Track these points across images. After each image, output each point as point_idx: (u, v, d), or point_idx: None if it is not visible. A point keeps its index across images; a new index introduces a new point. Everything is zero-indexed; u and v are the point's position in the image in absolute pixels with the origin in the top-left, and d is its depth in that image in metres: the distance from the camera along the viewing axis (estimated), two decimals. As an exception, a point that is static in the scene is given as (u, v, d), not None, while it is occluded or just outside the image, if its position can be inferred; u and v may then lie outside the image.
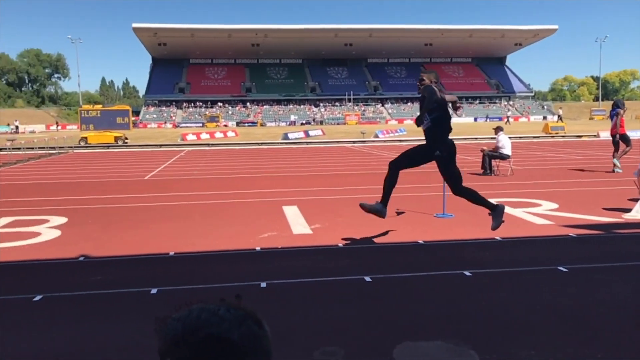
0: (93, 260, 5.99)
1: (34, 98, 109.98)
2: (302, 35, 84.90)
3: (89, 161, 20.92)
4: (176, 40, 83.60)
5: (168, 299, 4.69)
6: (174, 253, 6.21)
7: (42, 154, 24.12)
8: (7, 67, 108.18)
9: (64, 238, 7.12)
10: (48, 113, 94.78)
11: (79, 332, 3.97)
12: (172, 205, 9.80)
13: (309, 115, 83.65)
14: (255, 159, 20.89)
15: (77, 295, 4.79)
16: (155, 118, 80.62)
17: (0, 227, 7.93)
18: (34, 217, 8.59)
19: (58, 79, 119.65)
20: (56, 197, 11.01)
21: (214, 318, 0.90)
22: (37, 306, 4.55)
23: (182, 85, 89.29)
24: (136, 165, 18.64)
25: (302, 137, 35.64)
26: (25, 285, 5.10)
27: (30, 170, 17.42)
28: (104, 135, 30.45)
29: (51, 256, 6.19)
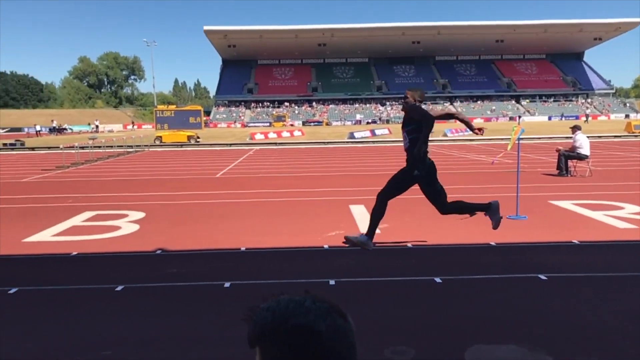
0: (169, 254, 6.26)
1: (112, 99, 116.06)
2: (369, 34, 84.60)
3: (164, 159, 21.83)
4: (245, 41, 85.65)
5: (240, 292, 4.83)
6: (245, 249, 6.38)
7: (120, 152, 25.42)
8: (88, 70, 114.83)
9: (142, 232, 7.48)
10: (125, 113, 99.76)
11: (158, 321, 4.17)
12: (242, 202, 10.06)
13: (375, 114, 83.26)
14: (322, 158, 21.04)
15: (155, 287, 5.03)
16: (224, 118, 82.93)
17: (83, 220, 8.43)
18: (114, 212, 9.07)
19: (134, 80, 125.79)
20: (134, 192, 11.58)
21: (301, 309, 0.93)
22: (120, 295, 4.82)
23: (251, 86, 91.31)
24: (208, 164, 19.26)
25: (369, 136, 35.51)
26: (108, 275, 5.41)
27: (110, 167, 18.40)
28: (178, 134, 31.65)
29: (131, 249, 6.52)
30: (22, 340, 3.87)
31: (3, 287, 5.06)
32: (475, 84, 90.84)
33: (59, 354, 3.60)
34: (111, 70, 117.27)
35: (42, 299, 4.77)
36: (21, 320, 4.27)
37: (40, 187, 13.03)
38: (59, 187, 12.77)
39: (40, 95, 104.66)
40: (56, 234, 7.42)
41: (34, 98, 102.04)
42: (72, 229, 7.73)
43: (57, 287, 5.07)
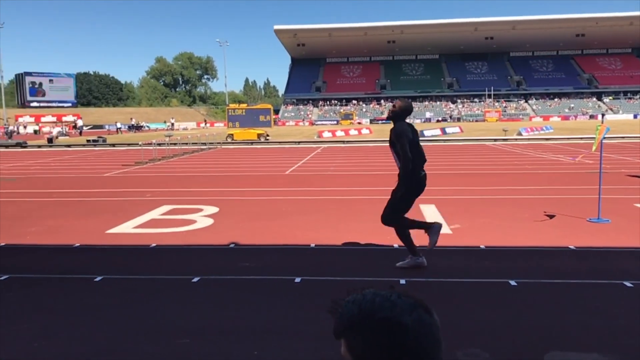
0: (242, 248, 6.43)
1: (186, 98, 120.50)
2: (440, 30, 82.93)
3: (235, 156, 22.43)
4: (314, 40, 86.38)
5: (310, 288, 4.89)
6: (314, 245, 6.45)
7: (194, 148, 26.36)
8: (164, 70, 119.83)
9: (216, 226, 7.72)
10: (198, 111, 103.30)
11: (233, 313, 4.30)
12: (312, 199, 10.16)
13: (445, 112, 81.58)
14: (390, 156, 20.84)
15: (229, 279, 5.18)
16: (293, 116, 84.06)
17: (161, 214, 8.82)
18: (190, 206, 9.42)
19: (207, 80, 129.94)
20: (208, 188, 11.97)
21: (387, 303, 0.94)
22: (196, 287, 5.01)
23: (319, 84, 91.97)
24: (277, 161, 19.60)
25: (439, 134, 34.84)
26: (185, 267, 5.63)
27: (185, 163, 19.14)
28: (248, 132, 32.43)
29: (205, 242, 6.75)
30: (107, 325, 4.11)
31: (89, 275, 5.38)
32: (552, 80, 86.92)
33: (138, 340, 3.79)
34: (186, 70, 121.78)
35: (124, 288, 5.04)
36: (106, 307, 4.53)
37: (121, 181, 13.75)
38: (138, 182, 13.42)
39: (120, 94, 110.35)
40: (136, 226, 7.81)
41: (114, 97, 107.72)
42: (151, 222, 8.10)
43: (138, 276, 5.34)
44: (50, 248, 6.61)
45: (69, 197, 10.99)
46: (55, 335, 3.91)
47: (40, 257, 6.20)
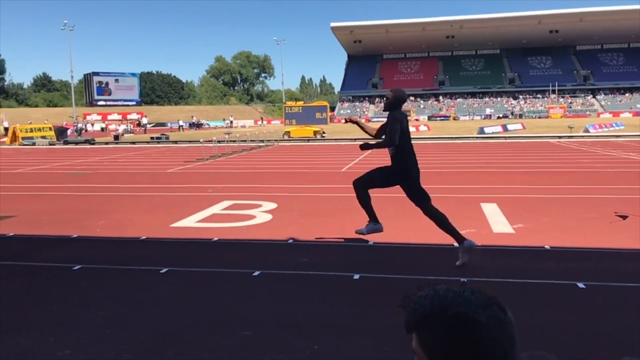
0: (300, 244, 6.50)
1: (244, 96, 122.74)
2: (501, 24, 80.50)
3: (292, 153, 22.67)
4: (371, 36, 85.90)
5: (369, 285, 4.89)
6: (373, 242, 6.43)
7: (252, 146, 26.85)
8: (223, 69, 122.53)
9: (274, 222, 7.84)
10: (256, 109, 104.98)
11: (294, 307, 4.36)
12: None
13: (506, 108, 79.20)
14: (449, 153, 20.49)
15: (289, 274, 5.25)
16: (349, 113, 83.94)
17: (222, 209, 9.04)
18: (249, 202, 9.60)
19: (264, 78, 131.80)
20: (267, 184, 12.16)
21: (460, 299, 0.94)
22: (256, 280, 5.11)
23: (375, 81, 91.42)
24: (333, 158, 19.66)
25: (500, 131, 33.88)
26: (246, 261, 5.75)
27: (243, 160, 19.52)
28: (305, 129, 32.71)
29: (265, 237, 6.87)
30: (173, 316, 4.26)
31: (156, 266, 5.59)
32: (623, 74, 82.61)
33: (204, 331, 3.91)
34: (244, 68, 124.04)
35: (188, 280, 5.20)
36: (171, 298, 4.70)
37: (183, 177, 14.19)
38: (200, 178, 13.81)
39: (181, 92, 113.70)
40: (199, 221, 8.04)
41: (176, 95, 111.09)
42: (212, 217, 8.32)
43: (201, 269, 5.50)
44: (118, 240, 6.91)
45: (134, 192, 11.45)
46: (125, 324, 4.09)
47: (109, 249, 6.50)
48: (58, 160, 21.06)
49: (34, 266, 5.79)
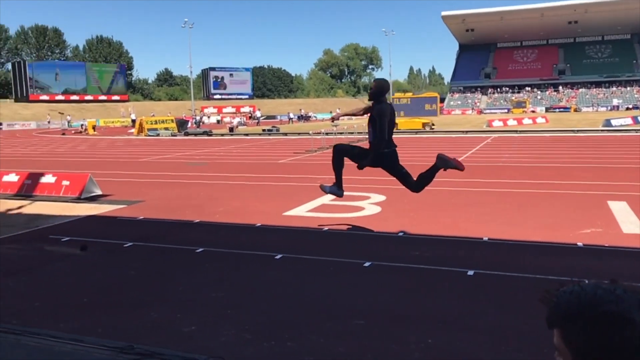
0: (411, 237, 6.44)
1: (351, 88, 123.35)
2: (633, 7, 73.40)
3: (400, 145, 22.39)
4: (484, 24, 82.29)
5: (484, 282, 4.73)
6: (487, 238, 6.20)
7: (359, 138, 26.92)
8: (331, 62, 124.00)
9: (384, 214, 7.84)
10: (362, 101, 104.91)
11: (405, 300, 4.34)
12: (483, 191, 9.79)
13: (637, 98, 72.34)
14: (571, 147, 19.15)
15: (400, 267, 5.23)
16: (459, 105, 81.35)
17: (332, 199, 9.17)
18: (358, 194, 9.66)
19: (372, 69, 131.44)
20: (374, 176, 12.12)
21: (612, 296, 0.91)
22: (367, 271, 5.14)
23: (488, 71, 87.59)
24: (443, 151, 19.19)
25: (630, 123, 31.03)
26: (356, 251, 5.81)
27: (351, 152, 19.66)
28: (413, 121, 32.21)
29: (374, 229, 6.89)
30: (287, 301, 4.42)
31: (270, 252, 5.82)
32: None
33: (319, 317, 4.01)
34: (351, 60, 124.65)
35: (301, 266, 5.37)
36: (285, 283, 4.88)
37: (293, 167, 14.61)
38: (309, 168, 14.14)
39: (290, 86, 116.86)
40: (309, 210, 8.25)
41: (286, 89, 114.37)
42: (322, 207, 8.49)
43: (313, 257, 5.64)
44: (235, 226, 7.29)
45: (249, 181, 11.99)
46: (243, 305, 4.32)
47: (227, 234, 6.88)
48: (179, 150, 22.59)
49: (162, 247, 6.28)
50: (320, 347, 3.52)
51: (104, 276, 5.25)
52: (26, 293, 4.76)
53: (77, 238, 6.66)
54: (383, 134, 5.88)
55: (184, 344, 3.55)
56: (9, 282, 5.07)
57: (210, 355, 3.22)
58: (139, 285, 4.91)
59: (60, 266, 5.64)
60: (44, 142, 32.03)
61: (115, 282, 5.04)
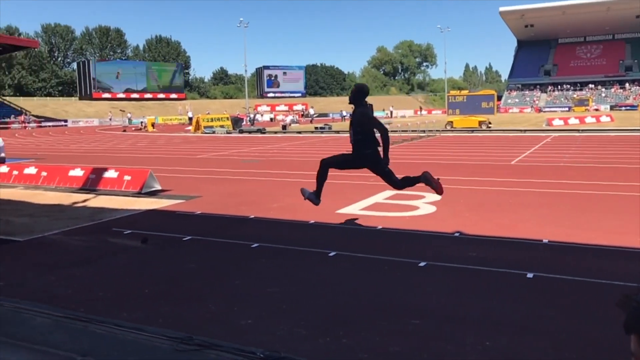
0: (467, 237, 6.32)
1: (405, 85, 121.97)
2: None
3: (455, 144, 22.03)
4: (544, 20, 79.43)
5: (544, 285, 4.59)
6: (547, 240, 6.00)
7: (413, 136, 26.61)
8: (384, 59, 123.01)
9: (438, 214, 7.72)
10: (416, 99, 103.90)
11: (461, 300, 4.26)
12: (543, 191, 9.48)
13: None
14: (633, 148, 18.23)
15: (456, 267, 5.14)
16: (517, 102, 79.00)
17: (385, 198, 9.13)
18: (412, 192, 9.52)
19: (426, 67, 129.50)
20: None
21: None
22: (423, 271, 5.09)
23: (548, 67, 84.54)
24: (500, 150, 18.70)
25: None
26: (411, 251, 5.76)
27: (405, 150, 19.47)
28: (469, 119, 31.51)
29: (429, 228, 6.79)
30: (341, 298, 4.43)
31: (324, 249, 5.85)
32: None
33: (373, 316, 4.00)
34: (405, 58, 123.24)
35: (355, 264, 5.37)
36: (340, 281, 4.89)
37: (347, 165, 14.59)
38: (362, 167, 14.08)
39: (342, 84, 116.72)
40: (363, 208, 8.23)
41: (338, 87, 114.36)
42: (375, 205, 8.46)
43: (367, 255, 5.63)
44: (289, 223, 7.37)
45: (301, 178, 12.05)
46: (299, 301, 4.36)
47: (282, 230, 6.96)
48: (234, 147, 23.04)
49: (219, 242, 6.43)
50: (375, 345, 3.51)
51: (164, 268, 5.43)
52: (92, 282, 4.99)
53: (138, 231, 6.92)
54: (381, 125, 6.07)
55: (240, 337, 3.62)
56: (76, 272, 5.33)
57: (266, 350, 3.27)
58: (197, 278, 5.05)
59: (123, 258, 5.88)
60: (107, 139, 33.42)
61: (174, 274, 5.20)
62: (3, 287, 4.80)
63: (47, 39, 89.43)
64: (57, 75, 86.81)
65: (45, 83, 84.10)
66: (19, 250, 6.30)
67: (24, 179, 11.91)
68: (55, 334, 3.62)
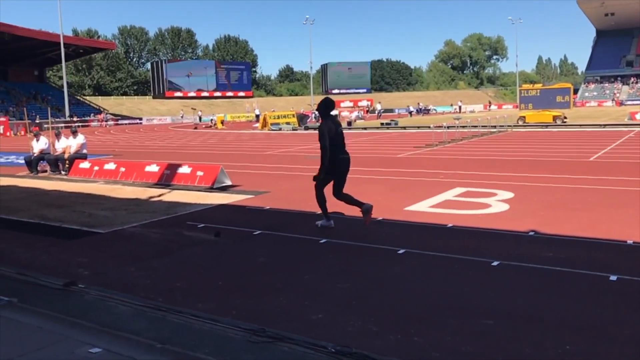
0: (543, 237, 6.07)
1: (474, 80, 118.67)
2: None
3: (528, 140, 21.22)
4: (627, 7, 74.77)
5: (630, 289, 4.34)
6: (632, 242, 5.67)
7: (483, 131, 25.86)
8: (452, 53, 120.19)
9: (512, 212, 7.46)
10: (486, 93, 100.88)
11: (538, 301, 4.10)
12: (623, 190, 8.96)
13: None
14: None
15: (531, 267, 4.95)
16: (595, 96, 74.99)
17: (455, 195, 8.93)
18: (484, 190, 9.30)
19: (496, 60, 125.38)
20: (501, 172, 11.63)
21: None
22: (496, 270, 4.94)
23: (631, 58, 79.59)
24: (577, 146, 17.84)
25: None
26: (483, 250, 5.60)
27: (474, 146, 18.97)
28: (543, 114, 30.24)
29: (502, 227, 6.58)
30: (411, 296, 4.38)
31: (393, 247, 5.80)
32: None
33: (445, 314, 3.93)
34: (474, 51, 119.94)
35: (424, 262, 5.29)
36: (408, 278, 4.84)
37: (414, 162, 14.41)
38: (430, 163, 13.86)
39: (409, 79, 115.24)
40: (432, 206, 8.09)
41: (404, 82, 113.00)
42: (445, 203, 8.29)
43: (437, 253, 5.53)
44: (357, 219, 7.34)
45: (368, 174, 12.02)
46: (368, 297, 4.35)
47: (349, 226, 6.97)
48: (300, 144, 23.28)
49: (288, 237, 6.53)
50: (447, 344, 3.45)
51: (236, 261, 5.57)
52: (169, 274, 5.20)
53: (211, 225, 7.14)
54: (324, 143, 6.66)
55: (311, 330, 3.65)
56: (154, 263, 5.58)
57: (337, 344, 3.29)
58: (268, 272, 5.15)
59: (197, 250, 6.08)
60: (179, 136, 34.71)
61: (246, 267, 5.33)
62: (88, 276, 5.10)
63: (123, 40, 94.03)
64: (132, 75, 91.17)
65: (122, 83, 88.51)
66: (101, 241, 6.66)
67: (104, 174, 12.59)
68: (137, 322, 3.80)
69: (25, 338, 3.57)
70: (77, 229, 7.27)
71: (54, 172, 13.99)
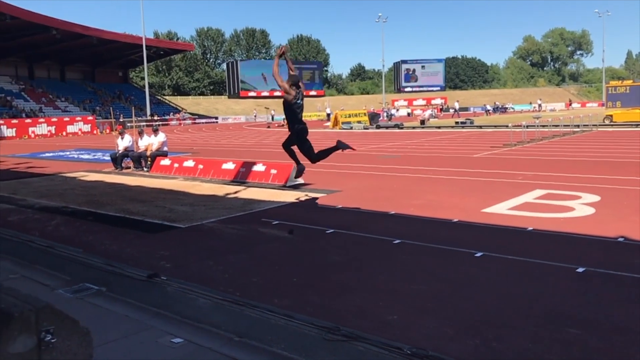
0: (634, 243, 5.69)
1: (554, 77, 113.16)
2: None
3: (616, 140, 19.98)
4: None
5: None
6: None
7: (566, 131, 24.59)
8: (532, 49, 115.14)
9: (598, 216, 7.05)
10: (568, 91, 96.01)
11: (628, 311, 3.86)
12: None
13: None
14: None
15: (618, 275, 4.67)
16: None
17: (535, 197, 8.56)
18: (566, 192, 8.85)
19: (580, 56, 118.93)
20: (585, 174, 11.02)
21: None
22: (581, 277, 4.69)
23: None
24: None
25: None
26: (566, 255, 5.33)
27: (555, 146, 18.09)
28: (632, 112, 28.34)
29: (587, 232, 6.23)
30: (488, 299, 4.23)
31: (470, 249, 5.64)
32: None
33: (523, 320, 3.77)
34: (555, 47, 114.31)
35: (502, 266, 5.11)
36: (488, 282, 4.68)
37: (491, 162, 13.94)
38: (508, 164, 13.36)
39: (485, 76, 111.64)
40: (511, 208, 7.79)
41: (480, 79, 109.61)
42: (525, 205, 7.96)
43: (516, 257, 5.32)
44: (431, 220, 7.22)
45: (443, 174, 11.77)
46: (445, 300, 4.25)
47: (424, 228, 6.85)
48: (371, 142, 23.16)
49: (361, 236, 6.51)
50: (529, 352, 3.31)
51: (310, 259, 5.63)
52: (245, 268, 5.33)
53: (285, 222, 7.26)
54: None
55: (386, 331, 3.62)
56: (231, 258, 5.74)
57: (413, 346, 3.24)
58: (342, 271, 5.15)
59: (272, 247, 6.20)
60: (253, 134, 35.57)
61: (320, 265, 5.37)
62: (170, 269, 5.33)
63: (201, 42, 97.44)
64: (209, 75, 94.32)
65: (199, 83, 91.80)
66: (181, 236, 6.93)
67: (183, 171, 13.11)
68: (215, 315, 3.93)
69: (113, 325, 3.78)
70: (158, 223, 7.62)
71: (137, 168, 14.73)
